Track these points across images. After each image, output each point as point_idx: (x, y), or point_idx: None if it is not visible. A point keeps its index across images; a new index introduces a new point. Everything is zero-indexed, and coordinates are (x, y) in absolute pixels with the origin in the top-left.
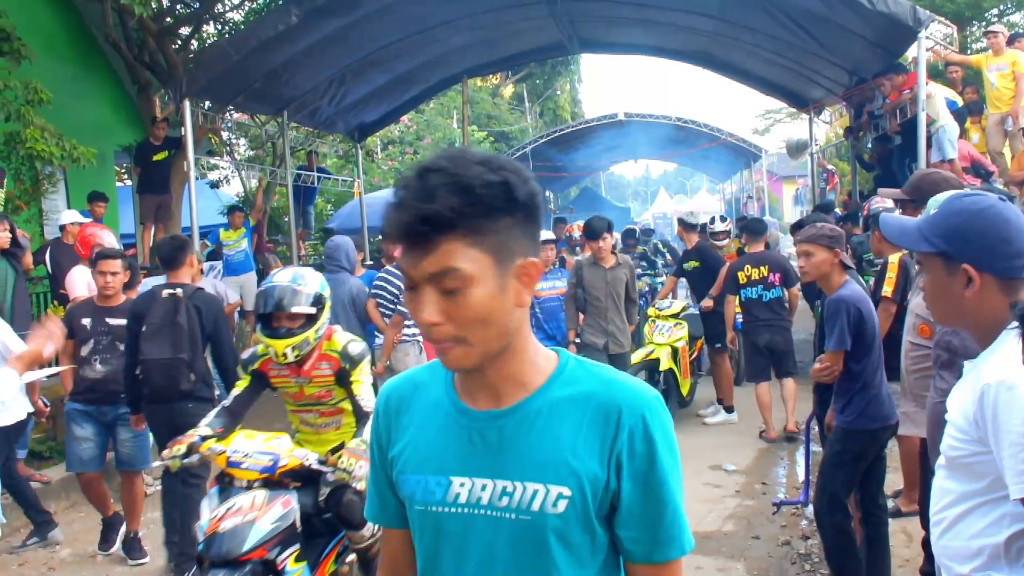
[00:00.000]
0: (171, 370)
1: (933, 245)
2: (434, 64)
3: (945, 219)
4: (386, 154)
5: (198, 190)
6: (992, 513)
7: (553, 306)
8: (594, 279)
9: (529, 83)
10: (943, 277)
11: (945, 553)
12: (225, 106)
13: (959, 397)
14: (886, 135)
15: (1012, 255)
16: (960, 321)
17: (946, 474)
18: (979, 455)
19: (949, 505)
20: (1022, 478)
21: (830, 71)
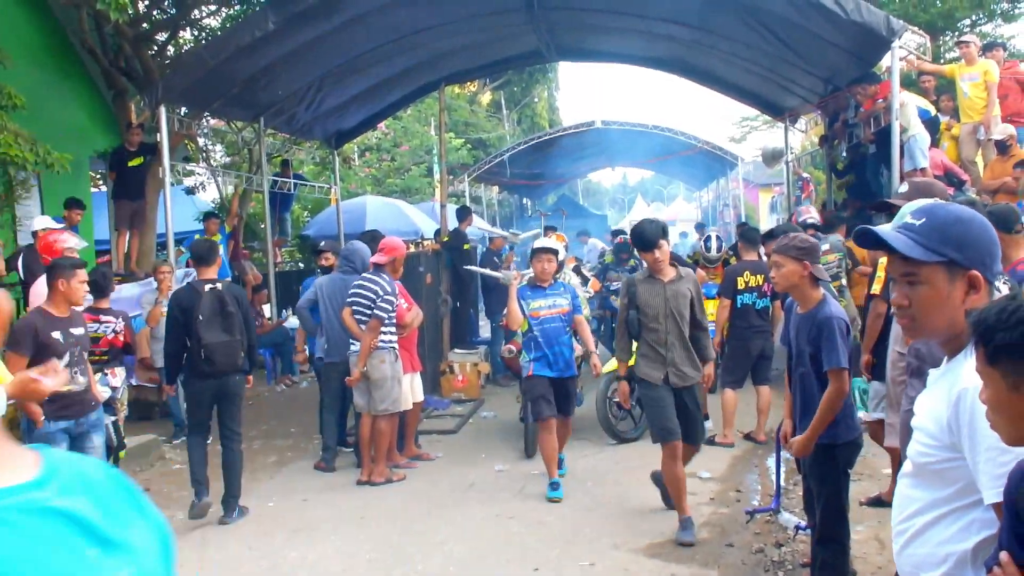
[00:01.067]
0: (231, 350)
1: (941, 255)
2: (412, 71)
3: (946, 227)
4: (363, 161)
5: (173, 196)
6: (960, 520)
7: (555, 328)
8: (650, 297)
9: (507, 90)
10: (944, 286)
11: (910, 562)
12: (201, 112)
13: (930, 403)
14: (860, 143)
15: (997, 260)
16: (951, 330)
17: (912, 482)
18: (950, 461)
19: (916, 513)
20: (997, 483)
21: (805, 80)
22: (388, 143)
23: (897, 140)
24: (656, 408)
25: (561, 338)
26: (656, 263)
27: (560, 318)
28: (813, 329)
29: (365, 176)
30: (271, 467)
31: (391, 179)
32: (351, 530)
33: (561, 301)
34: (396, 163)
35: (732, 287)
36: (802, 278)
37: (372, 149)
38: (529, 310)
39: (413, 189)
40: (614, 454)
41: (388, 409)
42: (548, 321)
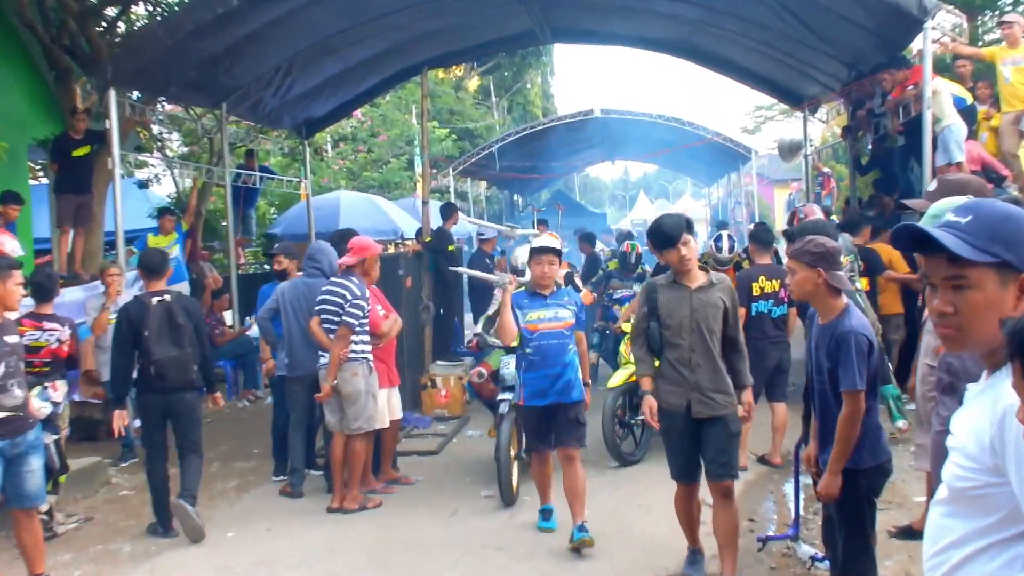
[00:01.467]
0: (182, 364)
1: (994, 255)
2: (391, 53)
3: (996, 225)
4: (337, 152)
5: (124, 190)
6: (1004, 554)
7: (556, 345)
8: (673, 306)
9: (496, 75)
10: (995, 291)
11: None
12: (156, 97)
13: (969, 421)
14: (887, 135)
15: None
16: (997, 341)
17: (948, 510)
18: (993, 486)
19: (952, 546)
20: None
21: (827, 65)
22: (364, 133)
23: (929, 131)
24: (673, 442)
25: (563, 357)
26: (683, 262)
27: (563, 333)
28: (832, 343)
29: (339, 169)
30: (231, 493)
31: (368, 172)
32: (319, 563)
33: (564, 313)
34: (373, 155)
35: (746, 294)
36: (817, 286)
37: (347, 139)
38: (524, 322)
39: (392, 184)
40: (615, 478)
41: (363, 428)
42: (548, 336)
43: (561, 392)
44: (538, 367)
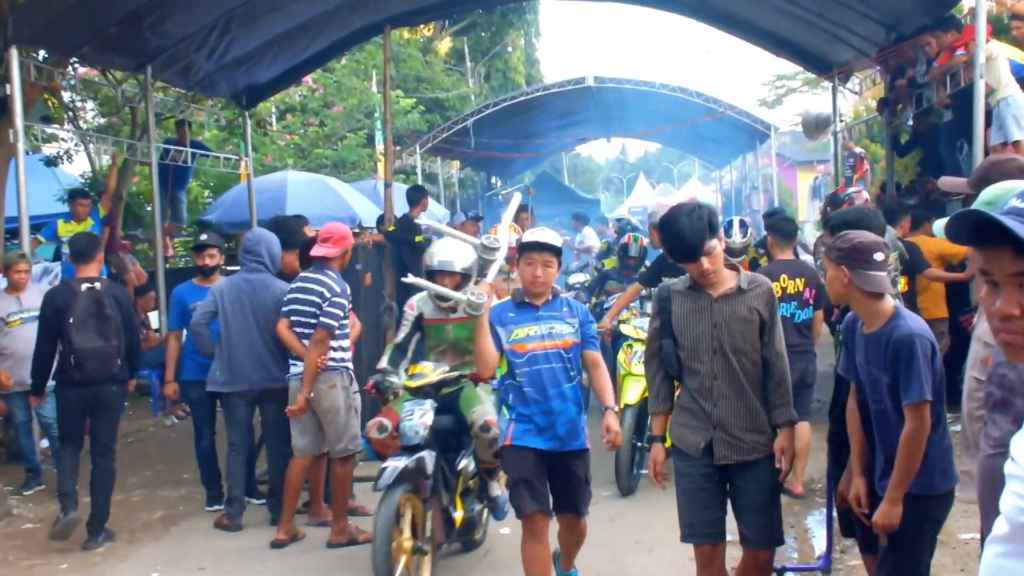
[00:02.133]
0: (105, 357)
1: None
2: (347, 9)
3: None
4: (283, 125)
5: (29, 168)
6: None
7: (552, 370)
8: (688, 319)
9: (471, 37)
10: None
11: None
12: (67, 58)
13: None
14: (931, 109)
15: None
16: None
17: (1008, 549)
18: None
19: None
20: None
21: (861, 26)
22: (316, 103)
23: (982, 104)
24: (686, 490)
25: (562, 387)
26: (705, 276)
27: (560, 355)
28: (888, 353)
29: (285, 145)
30: (157, 525)
31: (320, 150)
32: None
33: (562, 328)
34: (326, 129)
35: None
36: (846, 288)
37: (295, 111)
38: (509, 341)
39: (349, 163)
40: (609, 508)
41: (348, 449)
42: (541, 359)
43: (564, 437)
44: (530, 401)
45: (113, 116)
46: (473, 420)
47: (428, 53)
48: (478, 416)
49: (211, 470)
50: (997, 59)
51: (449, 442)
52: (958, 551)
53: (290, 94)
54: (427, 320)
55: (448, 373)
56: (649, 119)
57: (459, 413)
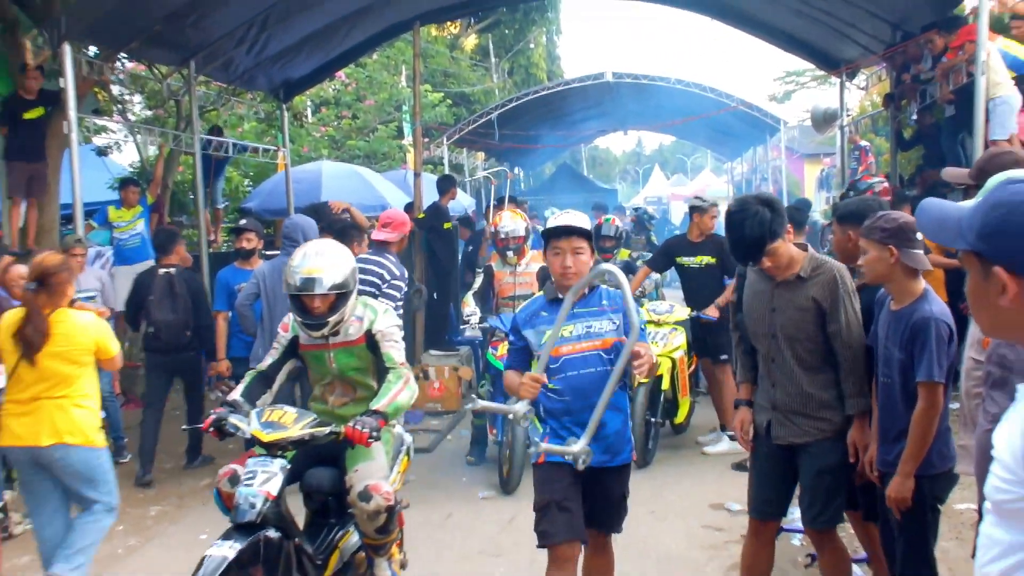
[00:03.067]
0: (175, 328)
1: (967, 241)
2: (379, 7)
3: (985, 212)
4: (318, 118)
5: (82, 157)
6: None
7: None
8: (752, 300)
9: (496, 34)
10: (980, 281)
11: None
12: (116, 53)
13: (1008, 429)
14: (935, 105)
15: None
16: (1004, 332)
17: (994, 520)
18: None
19: (997, 558)
20: None
21: (868, 24)
22: (349, 96)
23: (983, 100)
24: (752, 466)
25: (602, 392)
26: (767, 271)
27: (600, 356)
28: (907, 331)
29: (320, 137)
30: (204, 491)
31: (353, 141)
32: None
33: (603, 325)
34: (359, 121)
35: None
36: (891, 267)
37: (329, 104)
38: (542, 345)
39: (380, 154)
40: None
41: None
42: (579, 363)
43: (604, 451)
44: (567, 412)
45: (159, 109)
46: (352, 484)
47: (455, 49)
48: (359, 479)
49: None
50: (990, 57)
51: (328, 504)
52: (952, 520)
53: (324, 88)
54: (304, 346)
55: (318, 428)
56: (664, 113)
57: (342, 467)
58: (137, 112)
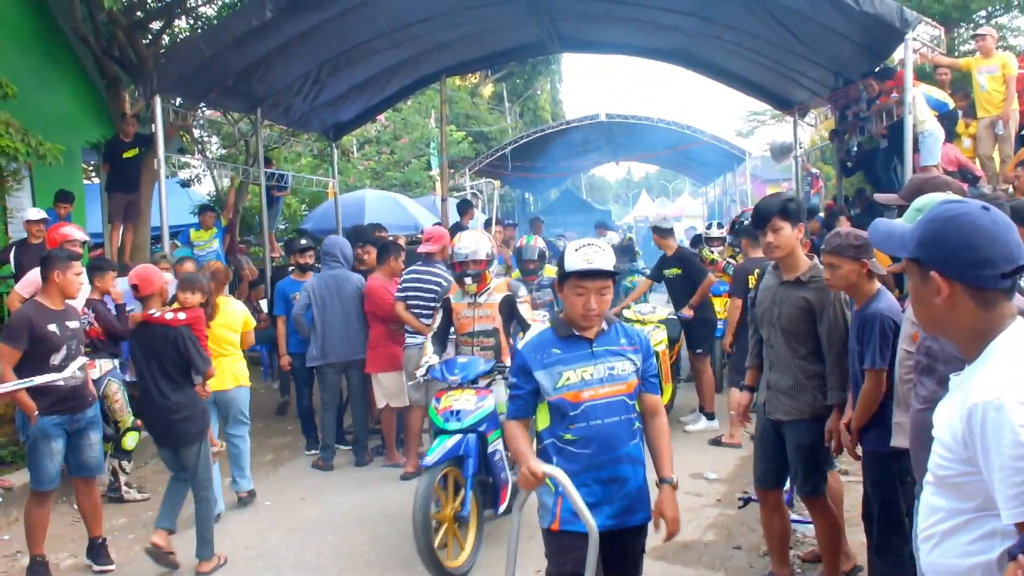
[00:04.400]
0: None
1: (908, 250)
2: (412, 62)
3: (922, 225)
4: (362, 154)
5: (168, 189)
6: (982, 528)
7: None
8: (763, 294)
9: (509, 82)
10: (918, 283)
11: (934, 569)
12: (197, 103)
13: (946, 413)
14: (872, 138)
15: (979, 263)
16: (939, 330)
17: (934, 490)
18: (968, 475)
19: (939, 521)
20: (1014, 503)
21: (815, 72)
22: (387, 136)
23: (910, 134)
24: (755, 441)
25: (626, 445)
26: (768, 249)
27: (624, 403)
28: (860, 325)
29: (364, 169)
30: (267, 465)
31: (390, 172)
32: (350, 530)
33: (625, 366)
34: (395, 156)
35: (743, 285)
36: (861, 276)
37: (371, 142)
38: (557, 389)
39: (413, 183)
40: None
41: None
42: (601, 411)
43: (623, 511)
44: (585, 467)
45: (231, 148)
46: None
47: (475, 96)
48: None
49: (309, 423)
50: (916, 99)
51: None
52: None
53: (367, 129)
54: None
55: None
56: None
57: None
58: (214, 151)
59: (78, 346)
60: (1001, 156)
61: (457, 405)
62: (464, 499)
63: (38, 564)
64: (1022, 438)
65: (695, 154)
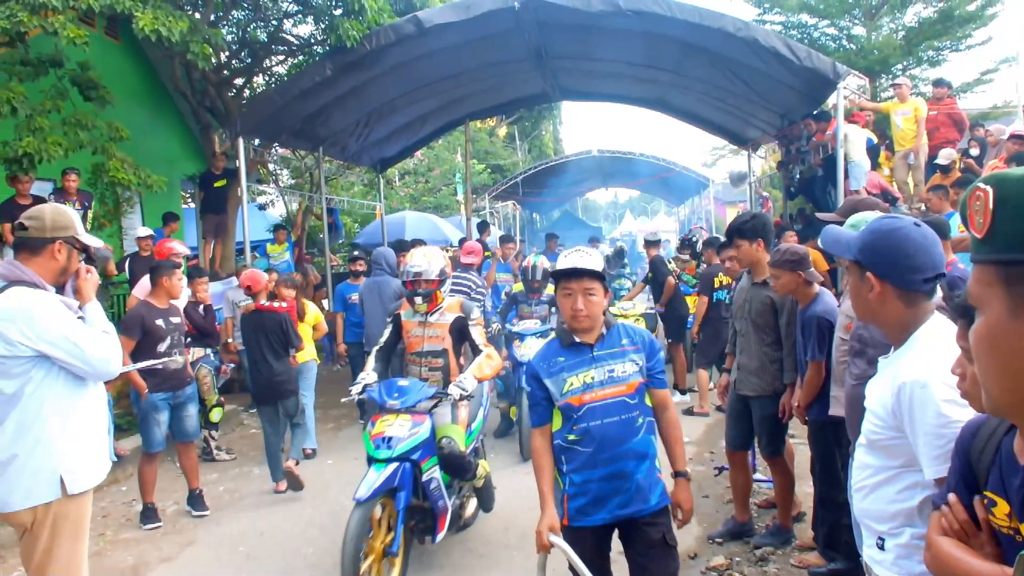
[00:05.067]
0: None
1: (851, 254)
2: (442, 109)
3: (864, 235)
4: (403, 182)
5: (249, 212)
6: (906, 481)
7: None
8: (738, 292)
9: (519, 125)
10: (857, 281)
11: (866, 514)
12: (271, 143)
13: (878, 390)
14: (811, 167)
15: (909, 270)
16: (871, 319)
17: (866, 451)
18: (896, 439)
19: (869, 475)
20: (936, 463)
21: (765, 115)
22: (423, 168)
23: (842, 165)
24: (727, 412)
25: (631, 441)
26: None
27: (625, 402)
28: (803, 324)
29: (404, 195)
30: (329, 432)
31: (425, 197)
32: None
33: (626, 367)
34: (429, 184)
35: (709, 286)
36: (799, 284)
37: (410, 173)
38: (564, 394)
39: (443, 205)
40: None
41: None
42: (602, 411)
43: (630, 501)
44: (588, 464)
45: (298, 178)
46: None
47: (492, 135)
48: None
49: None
50: (850, 137)
51: None
52: None
53: (407, 163)
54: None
55: None
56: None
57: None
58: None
59: (180, 337)
60: (914, 181)
61: (390, 432)
62: (395, 535)
63: (149, 509)
64: (943, 411)
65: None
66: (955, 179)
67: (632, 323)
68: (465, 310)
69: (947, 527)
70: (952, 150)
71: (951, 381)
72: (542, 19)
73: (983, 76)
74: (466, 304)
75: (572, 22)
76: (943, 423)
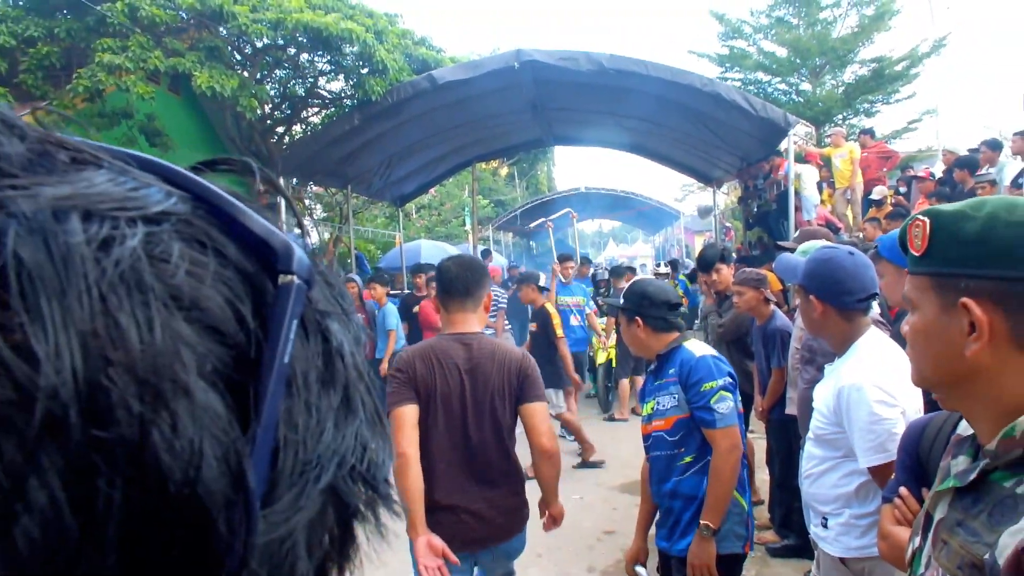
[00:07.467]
0: None
1: (799, 280)
2: (453, 153)
3: (808, 263)
4: (419, 215)
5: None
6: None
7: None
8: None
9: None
10: (804, 302)
11: (813, 498)
12: (307, 182)
13: (823, 392)
14: (767, 202)
15: (842, 292)
16: (817, 333)
17: (813, 444)
18: (837, 433)
19: (815, 465)
20: (868, 454)
21: (728, 157)
22: (436, 202)
23: (792, 200)
24: None
25: (671, 480)
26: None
27: (663, 438)
28: (764, 337)
29: (420, 226)
30: None
31: (438, 228)
32: None
33: (666, 400)
34: (441, 216)
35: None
36: (759, 301)
37: (425, 207)
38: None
39: (453, 235)
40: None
41: None
42: (654, 444)
43: (671, 536)
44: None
45: (330, 212)
46: None
47: (495, 174)
48: None
49: None
50: (804, 175)
51: None
52: None
53: (423, 198)
54: None
55: None
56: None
57: None
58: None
59: None
60: (852, 214)
61: None
62: None
63: None
64: (874, 410)
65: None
66: (887, 212)
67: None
68: None
69: (900, 518)
70: (884, 187)
71: (883, 385)
72: (538, 77)
73: (909, 124)
74: None
75: (564, 79)
76: (874, 420)
